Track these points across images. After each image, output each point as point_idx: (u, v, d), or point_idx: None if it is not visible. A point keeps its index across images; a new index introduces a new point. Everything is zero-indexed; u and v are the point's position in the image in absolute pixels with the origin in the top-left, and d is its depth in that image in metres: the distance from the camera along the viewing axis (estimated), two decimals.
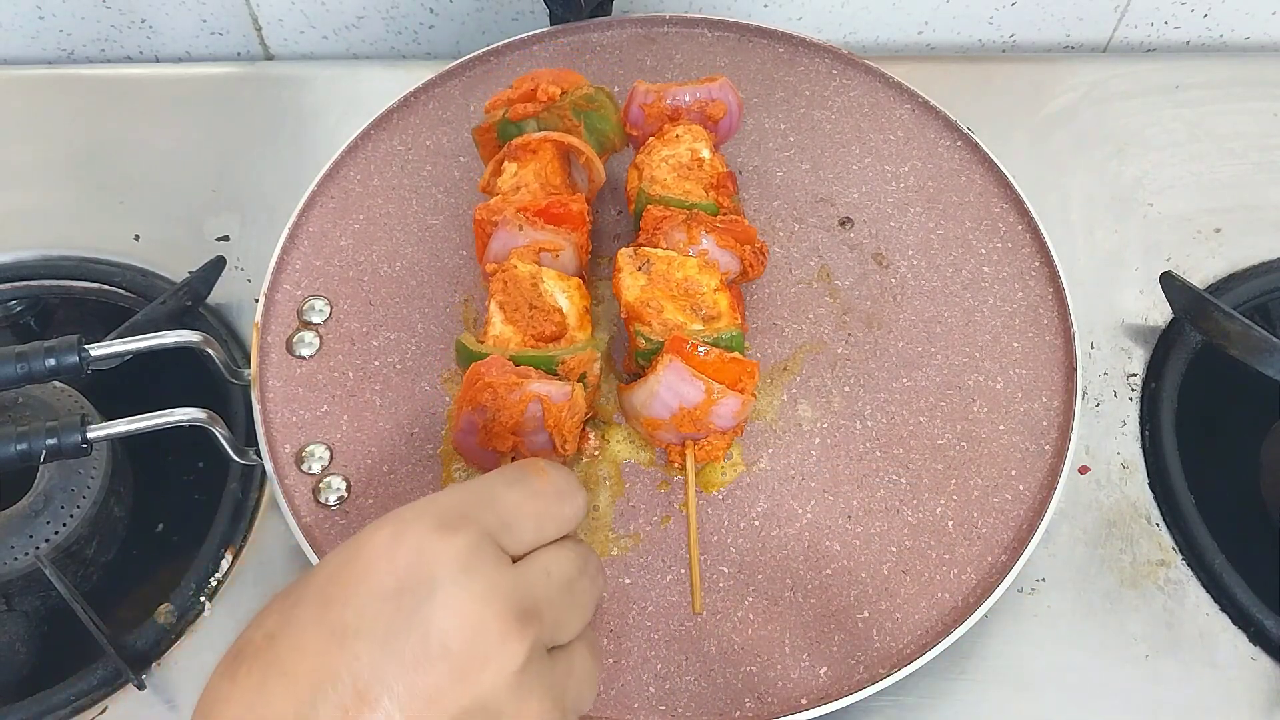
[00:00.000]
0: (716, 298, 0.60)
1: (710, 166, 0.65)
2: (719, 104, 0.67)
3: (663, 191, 0.64)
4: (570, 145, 0.64)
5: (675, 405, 0.57)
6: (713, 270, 0.61)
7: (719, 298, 0.60)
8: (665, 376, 0.57)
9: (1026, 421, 0.63)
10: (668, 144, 0.66)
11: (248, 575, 0.63)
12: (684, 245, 0.62)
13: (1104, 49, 0.91)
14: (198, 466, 0.73)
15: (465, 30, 0.89)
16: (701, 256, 0.62)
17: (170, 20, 0.88)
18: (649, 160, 0.65)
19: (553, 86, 0.64)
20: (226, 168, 0.80)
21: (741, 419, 0.59)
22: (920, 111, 0.74)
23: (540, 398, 0.54)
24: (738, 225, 0.63)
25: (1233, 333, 0.67)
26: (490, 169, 0.65)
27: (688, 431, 0.58)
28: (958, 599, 0.57)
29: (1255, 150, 0.81)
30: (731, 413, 0.58)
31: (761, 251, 0.64)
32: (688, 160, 0.65)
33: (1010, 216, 0.70)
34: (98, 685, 0.60)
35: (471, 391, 0.54)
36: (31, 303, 0.76)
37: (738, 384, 0.58)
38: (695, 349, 0.57)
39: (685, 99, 0.67)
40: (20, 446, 0.56)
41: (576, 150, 0.65)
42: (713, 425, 0.58)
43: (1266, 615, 0.61)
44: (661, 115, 0.67)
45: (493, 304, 0.59)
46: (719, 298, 0.60)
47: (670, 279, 0.60)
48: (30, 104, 0.85)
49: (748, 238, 0.63)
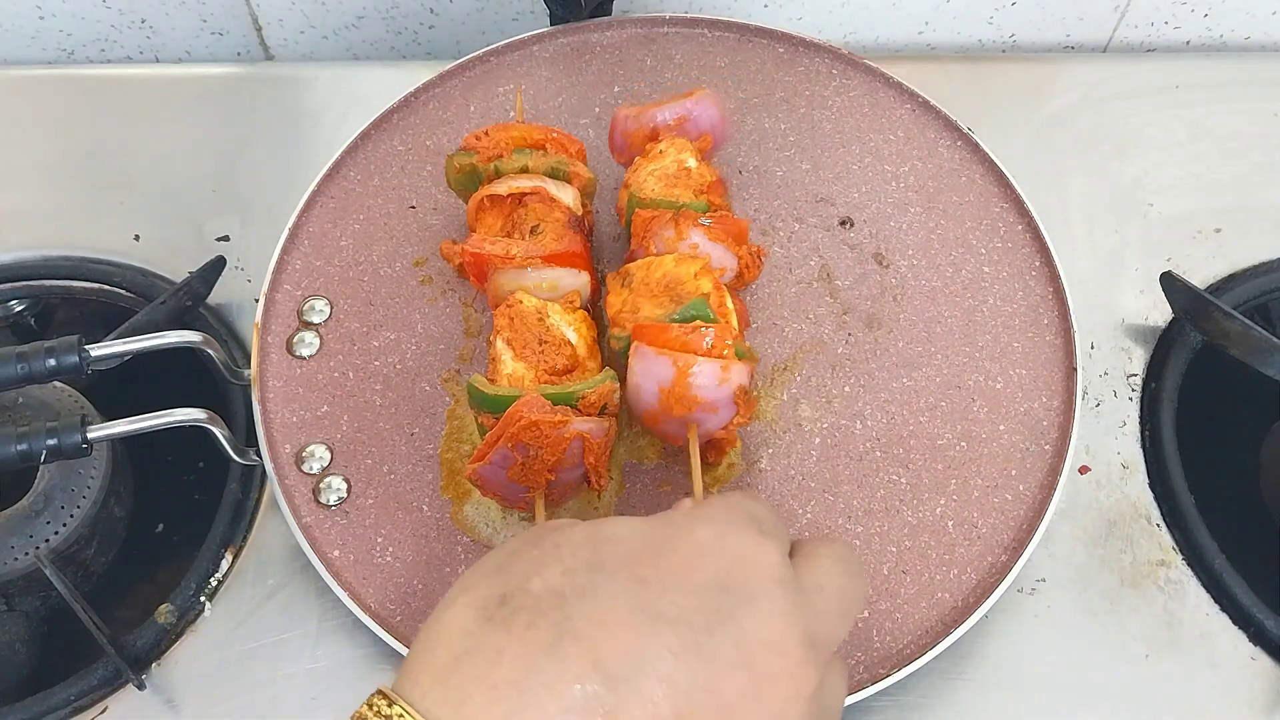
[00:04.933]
0: (699, 282, 0.59)
1: (698, 174, 0.65)
2: (705, 126, 0.67)
3: (652, 196, 0.63)
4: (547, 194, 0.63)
5: (655, 388, 0.56)
6: (691, 260, 0.60)
7: (701, 281, 0.59)
8: (635, 364, 0.56)
9: (1026, 421, 0.63)
10: (653, 160, 0.65)
11: (248, 575, 0.63)
12: (673, 241, 0.61)
13: (1104, 49, 0.91)
14: (198, 466, 0.73)
15: (465, 30, 0.89)
16: (690, 251, 0.61)
17: (170, 20, 0.88)
18: (636, 177, 0.65)
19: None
20: (226, 168, 0.80)
21: (734, 388, 0.56)
22: (920, 111, 0.75)
23: (582, 435, 0.54)
24: (728, 220, 0.62)
25: (1233, 333, 0.67)
26: (472, 212, 0.65)
27: (684, 413, 0.56)
28: (958, 599, 0.57)
29: (1255, 150, 0.81)
30: (714, 380, 0.55)
31: (758, 254, 0.64)
32: (675, 171, 0.64)
33: (1010, 216, 0.70)
34: (98, 685, 0.60)
35: (514, 430, 0.53)
36: (31, 303, 0.76)
37: (720, 347, 0.56)
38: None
39: (666, 117, 0.67)
40: (20, 446, 0.56)
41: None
42: (700, 398, 0.56)
43: (1266, 615, 0.61)
44: (645, 136, 0.67)
45: (499, 341, 0.58)
46: (701, 281, 0.59)
47: (649, 281, 0.60)
48: (30, 104, 0.85)
49: (739, 232, 0.62)
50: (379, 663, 0.60)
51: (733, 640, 0.36)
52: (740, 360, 0.56)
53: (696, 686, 0.35)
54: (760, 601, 0.37)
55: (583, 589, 0.37)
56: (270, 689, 0.59)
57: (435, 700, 0.35)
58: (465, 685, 0.35)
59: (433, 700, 0.35)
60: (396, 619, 0.57)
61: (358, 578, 0.58)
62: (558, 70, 0.77)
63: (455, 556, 0.59)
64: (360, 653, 0.60)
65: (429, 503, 0.61)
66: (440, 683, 0.35)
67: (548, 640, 0.35)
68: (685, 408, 0.56)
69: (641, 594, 0.36)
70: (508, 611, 0.36)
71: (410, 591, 0.58)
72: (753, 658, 0.36)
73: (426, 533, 0.60)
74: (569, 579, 0.37)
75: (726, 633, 0.36)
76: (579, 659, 0.35)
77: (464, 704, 0.35)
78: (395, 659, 0.58)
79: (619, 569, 0.37)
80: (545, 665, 0.35)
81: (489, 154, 0.64)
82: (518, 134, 0.65)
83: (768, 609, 0.37)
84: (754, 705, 0.36)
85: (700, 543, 0.38)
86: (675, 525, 0.39)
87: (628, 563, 0.38)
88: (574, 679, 0.34)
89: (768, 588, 0.38)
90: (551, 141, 0.65)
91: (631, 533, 0.39)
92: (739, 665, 0.36)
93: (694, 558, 0.38)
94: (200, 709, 0.59)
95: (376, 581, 0.58)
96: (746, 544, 0.38)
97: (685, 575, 0.37)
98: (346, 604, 0.57)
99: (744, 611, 0.37)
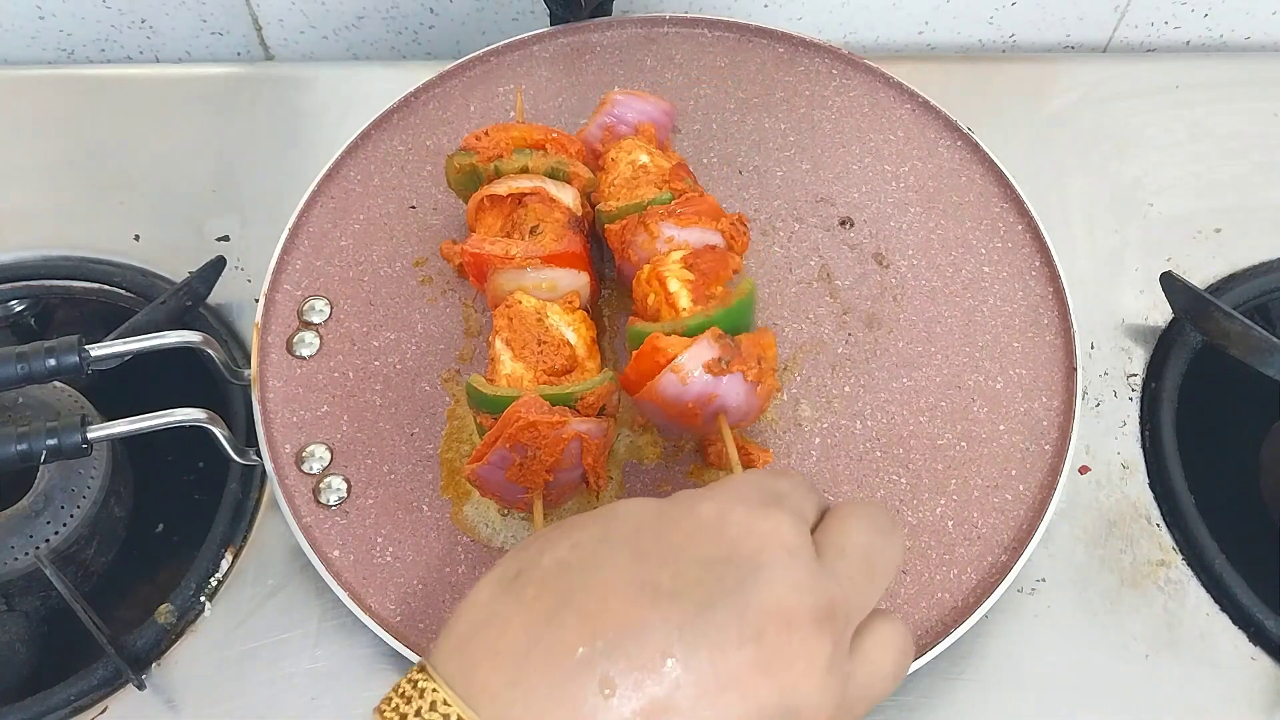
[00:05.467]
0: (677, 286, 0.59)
1: (655, 166, 0.64)
2: (634, 118, 0.67)
3: (614, 206, 0.62)
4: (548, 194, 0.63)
5: (669, 422, 0.57)
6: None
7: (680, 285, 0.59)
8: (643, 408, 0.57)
9: (1026, 421, 0.63)
10: (609, 169, 0.65)
11: (248, 575, 0.63)
12: (649, 243, 0.60)
13: (1104, 49, 0.91)
14: (198, 466, 0.73)
15: (465, 30, 0.89)
16: (667, 244, 0.60)
17: (170, 20, 0.88)
18: (600, 194, 0.65)
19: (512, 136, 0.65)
20: (226, 168, 0.80)
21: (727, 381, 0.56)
22: (920, 111, 0.75)
23: (580, 436, 0.54)
24: (694, 201, 0.61)
25: (1233, 333, 0.67)
26: (472, 212, 0.65)
27: (703, 413, 0.56)
28: (958, 599, 0.57)
29: (1255, 150, 0.81)
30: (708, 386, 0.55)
31: (740, 221, 0.62)
32: (631, 173, 0.64)
33: (1010, 216, 0.70)
34: (98, 685, 0.60)
35: (512, 431, 0.53)
36: (31, 303, 0.76)
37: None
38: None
39: (595, 133, 0.68)
40: (20, 446, 0.56)
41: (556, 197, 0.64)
42: (709, 401, 0.56)
43: (1266, 615, 0.61)
44: (593, 156, 0.67)
45: (498, 341, 0.58)
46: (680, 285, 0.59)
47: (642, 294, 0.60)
48: (30, 104, 0.85)
49: (710, 210, 0.61)
50: (379, 663, 0.60)
51: (737, 612, 0.36)
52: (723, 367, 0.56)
53: (699, 659, 0.35)
54: (766, 572, 0.37)
55: (586, 562, 0.37)
56: (270, 689, 0.59)
57: (454, 668, 0.36)
58: (477, 651, 0.36)
59: (452, 668, 0.37)
60: (396, 619, 0.57)
61: (358, 578, 0.58)
62: (558, 70, 0.77)
63: (455, 556, 0.59)
64: (360, 653, 0.60)
65: (429, 503, 0.61)
66: (459, 651, 0.37)
67: (550, 608, 0.36)
68: (702, 405, 0.56)
69: (640, 567, 0.37)
70: (520, 583, 0.38)
71: (410, 591, 0.58)
72: (760, 630, 0.36)
73: (426, 533, 0.60)
74: (576, 552, 0.38)
75: (729, 605, 0.36)
76: (577, 629, 0.35)
77: (473, 671, 0.36)
78: (395, 659, 0.58)
79: (623, 543, 0.38)
80: (544, 634, 0.36)
81: (489, 154, 0.64)
82: (518, 134, 0.65)
83: (774, 579, 0.37)
84: (763, 678, 0.35)
85: (703, 517, 0.38)
86: (682, 502, 0.40)
87: (631, 537, 0.38)
88: (571, 649, 0.35)
89: (776, 558, 0.37)
90: (551, 142, 0.65)
91: (640, 509, 0.40)
92: (745, 639, 0.35)
93: (695, 532, 0.38)
94: (200, 709, 0.59)
95: (376, 581, 0.58)
96: (753, 516, 0.38)
97: (686, 549, 0.37)
98: (346, 604, 0.57)
99: (749, 583, 0.36)
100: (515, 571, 0.38)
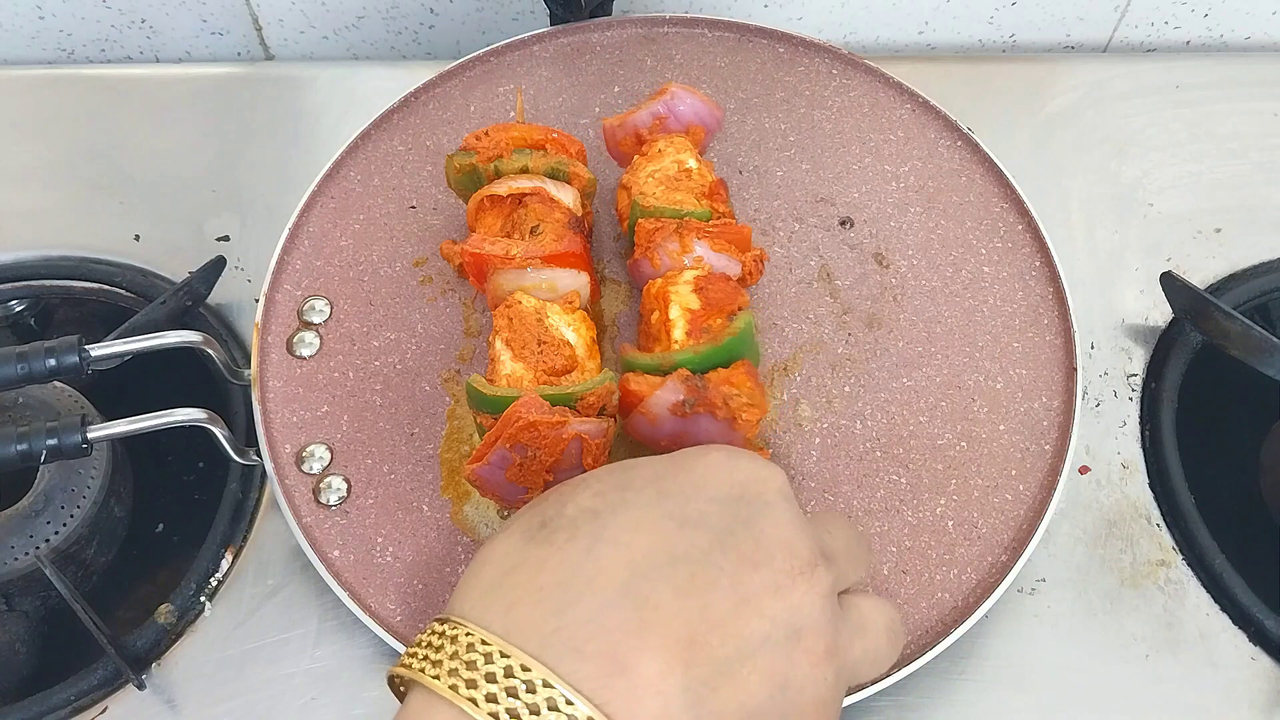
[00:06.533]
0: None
1: (699, 175, 0.65)
2: (688, 117, 0.67)
3: (655, 203, 0.63)
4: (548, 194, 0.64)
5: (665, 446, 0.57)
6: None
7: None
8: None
9: (1026, 421, 0.63)
10: (652, 160, 0.65)
11: (248, 575, 0.63)
12: (678, 254, 0.61)
13: (1104, 49, 0.91)
14: (198, 466, 0.73)
15: (465, 30, 0.89)
16: (694, 263, 0.61)
17: (170, 20, 0.88)
18: (635, 178, 0.65)
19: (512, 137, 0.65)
20: (226, 168, 0.80)
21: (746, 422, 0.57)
22: (920, 111, 0.75)
23: (580, 436, 0.54)
24: (731, 229, 0.62)
25: (1233, 333, 0.67)
26: (472, 212, 0.65)
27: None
28: (958, 599, 0.57)
29: (1255, 150, 0.81)
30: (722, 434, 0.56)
31: (760, 259, 0.64)
32: (675, 173, 0.64)
33: (1010, 216, 0.70)
34: (98, 685, 0.60)
35: (512, 431, 0.53)
36: (31, 303, 0.76)
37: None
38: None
39: (645, 120, 0.67)
40: (20, 446, 0.56)
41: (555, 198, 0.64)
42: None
43: (1266, 615, 0.61)
44: (634, 141, 0.67)
45: (498, 341, 0.58)
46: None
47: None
48: (30, 104, 0.85)
49: (742, 240, 0.62)
50: (379, 663, 0.60)
51: (752, 539, 0.40)
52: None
53: (723, 579, 0.39)
54: (772, 510, 0.41)
55: (614, 505, 0.41)
56: (270, 689, 0.59)
57: (483, 610, 0.38)
58: (513, 592, 0.38)
59: (481, 610, 0.38)
60: (396, 619, 0.57)
61: (358, 578, 0.58)
62: (558, 70, 0.77)
63: (455, 556, 0.59)
64: (360, 653, 0.60)
65: (429, 503, 0.61)
66: (489, 594, 0.39)
67: (586, 546, 0.39)
68: (677, 442, 0.57)
69: (667, 503, 0.41)
70: (548, 532, 0.40)
71: (410, 591, 0.58)
72: (771, 556, 0.40)
73: (426, 533, 0.60)
74: (600, 499, 0.41)
75: (748, 533, 0.40)
76: (614, 559, 0.38)
77: (512, 608, 0.38)
78: (395, 659, 0.58)
79: (646, 485, 0.42)
80: (584, 566, 0.38)
81: (489, 154, 0.64)
82: (518, 134, 0.65)
83: (779, 516, 0.41)
84: (773, 598, 0.39)
85: (714, 463, 0.43)
86: (691, 453, 0.44)
87: (653, 481, 0.42)
88: (613, 576, 0.38)
89: (779, 499, 0.42)
90: (551, 142, 0.65)
91: (653, 461, 0.44)
92: (759, 562, 0.39)
93: (710, 473, 0.42)
94: (200, 709, 0.59)
95: (376, 581, 0.58)
96: (755, 465, 0.43)
97: (704, 488, 0.42)
98: (346, 604, 0.57)
99: (760, 517, 0.41)
100: (539, 523, 0.41)
